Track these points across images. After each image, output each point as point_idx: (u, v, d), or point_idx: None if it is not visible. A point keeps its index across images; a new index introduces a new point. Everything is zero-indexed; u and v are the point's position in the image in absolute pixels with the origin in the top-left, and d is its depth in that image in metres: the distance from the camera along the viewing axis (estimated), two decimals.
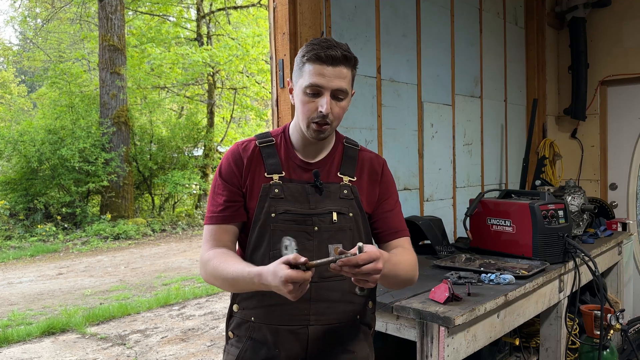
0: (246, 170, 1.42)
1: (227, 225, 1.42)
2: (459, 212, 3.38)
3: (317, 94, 1.34)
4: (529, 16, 4.28)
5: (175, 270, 7.92)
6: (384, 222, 1.51)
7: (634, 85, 4.37)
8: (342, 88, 1.34)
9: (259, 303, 1.40)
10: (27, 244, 10.09)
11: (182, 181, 13.10)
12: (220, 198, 1.43)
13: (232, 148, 1.47)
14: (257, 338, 1.41)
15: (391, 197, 1.55)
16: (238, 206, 1.43)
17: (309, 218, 1.39)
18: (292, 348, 1.40)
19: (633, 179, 4.44)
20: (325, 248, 1.39)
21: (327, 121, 1.35)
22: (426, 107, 3.10)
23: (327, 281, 1.39)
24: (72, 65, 15.07)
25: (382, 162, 1.56)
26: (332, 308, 1.41)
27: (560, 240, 2.45)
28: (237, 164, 1.43)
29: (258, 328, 1.41)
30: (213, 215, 1.43)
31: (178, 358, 4.31)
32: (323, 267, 1.28)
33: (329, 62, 1.32)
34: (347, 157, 1.50)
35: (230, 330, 1.48)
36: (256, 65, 14.72)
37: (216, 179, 1.46)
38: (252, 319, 1.42)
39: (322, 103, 1.33)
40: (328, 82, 1.32)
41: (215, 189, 1.45)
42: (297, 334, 1.39)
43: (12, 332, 4.87)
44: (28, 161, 11.05)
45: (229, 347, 1.47)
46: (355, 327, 1.47)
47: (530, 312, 2.27)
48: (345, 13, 2.56)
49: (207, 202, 1.47)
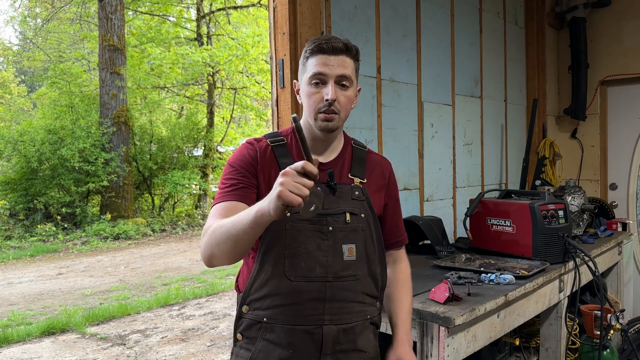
0: (261, 165, 1.40)
1: (238, 202, 1.34)
2: (459, 212, 3.38)
3: (321, 82, 1.36)
4: (529, 16, 4.28)
5: (175, 270, 7.92)
6: (385, 229, 1.57)
7: (634, 85, 4.37)
8: (345, 74, 1.36)
9: (272, 303, 1.37)
10: (27, 244, 10.09)
11: (182, 181, 13.10)
12: (231, 180, 1.38)
13: (245, 144, 1.46)
14: (270, 339, 1.38)
15: (395, 202, 1.60)
16: (250, 189, 1.38)
17: (324, 218, 1.38)
18: (306, 348, 1.37)
19: (633, 179, 4.44)
20: (339, 248, 1.38)
21: (334, 109, 1.36)
22: (426, 107, 3.10)
23: (341, 281, 1.38)
24: (72, 65, 15.07)
25: (389, 166, 1.60)
26: (346, 308, 1.40)
27: (560, 240, 2.45)
28: (252, 155, 1.41)
29: (271, 329, 1.37)
30: (223, 194, 1.36)
31: (178, 358, 4.31)
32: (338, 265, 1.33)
33: (331, 51, 1.35)
34: (357, 158, 1.51)
35: (239, 332, 1.43)
36: (256, 65, 14.72)
37: (227, 169, 1.42)
38: (265, 320, 1.38)
39: (326, 91, 1.35)
40: (331, 70, 1.35)
41: (226, 175, 1.40)
42: (312, 334, 1.37)
43: (12, 332, 4.86)
44: (28, 161, 11.05)
45: (237, 350, 1.43)
46: (366, 327, 1.47)
47: (530, 312, 2.26)
48: (345, 13, 2.56)
49: (218, 188, 1.42)
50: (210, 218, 1.33)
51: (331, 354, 1.40)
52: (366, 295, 1.44)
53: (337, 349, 1.40)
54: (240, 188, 1.37)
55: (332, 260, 1.37)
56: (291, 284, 1.35)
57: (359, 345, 1.44)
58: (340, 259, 1.38)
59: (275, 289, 1.36)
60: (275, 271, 1.35)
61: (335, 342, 1.39)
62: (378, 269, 1.48)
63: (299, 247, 1.36)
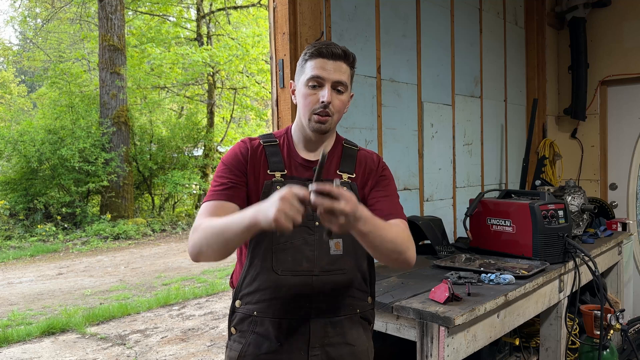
0: (251, 164, 1.45)
1: (228, 202, 1.39)
2: (459, 212, 3.38)
3: (318, 85, 1.40)
4: (529, 16, 4.28)
5: (175, 270, 7.92)
6: (377, 206, 1.47)
7: (634, 85, 4.37)
8: (342, 80, 1.41)
9: (261, 297, 1.42)
10: (27, 244, 10.09)
11: (182, 181, 13.10)
12: (222, 179, 1.43)
13: (238, 143, 1.51)
14: (260, 332, 1.43)
15: (388, 186, 1.53)
16: (240, 188, 1.43)
17: (310, 213, 1.40)
18: (295, 341, 1.42)
19: (633, 179, 4.44)
20: (326, 242, 1.43)
21: (328, 112, 1.40)
22: (426, 107, 3.10)
23: (327, 275, 1.41)
24: (72, 65, 15.07)
25: (377, 157, 1.60)
26: (334, 302, 1.44)
27: (560, 240, 2.45)
28: (243, 154, 1.46)
29: (261, 322, 1.43)
30: (214, 192, 1.41)
31: (178, 358, 4.31)
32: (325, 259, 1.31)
33: (329, 56, 1.40)
34: (347, 155, 1.54)
35: (232, 326, 1.49)
36: (256, 65, 14.72)
37: (220, 167, 1.47)
38: (255, 313, 1.43)
39: (323, 94, 1.39)
40: (329, 74, 1.40)
41: (218, 173, 1.45)
42: (299, 327, 1.41)
43: (12, 332, 4.86)
44: (28, 161, 11.05)
45: (231, 343, 1.49)
46: (356, 321, 1.50)
47: (530, 312, 2.27)
48: (345, 13, 2.56)
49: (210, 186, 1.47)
50: (200, 216, 1.37)
51: (319, 347, 1.43)
52: (355, 289, 1.47)
53: (325, 342, 1.44)
54: (230, 187, 1.41)
55: (318, 254, 1.41)
56: (278, 278, 1.39)
57: (348, 339, 1.47)
58: (326, 253, 1.42)
59: (264, 283, 1.41)
60: (264, 266, 1.40)
61: (324, 336, 1.43)
62: (365, 263, 1.49)
63: (286, 242, 1.40)
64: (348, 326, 1.47)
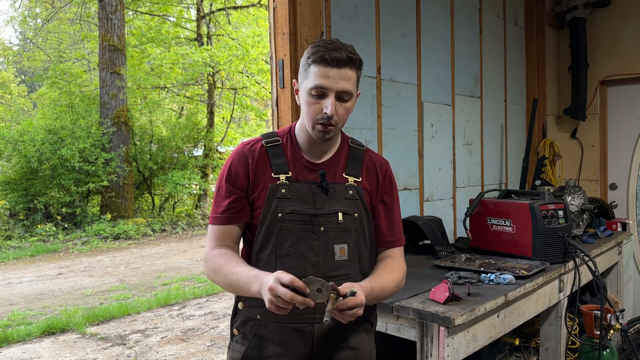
0: (252, 171, 1.44)
1: (230, 226, 1.45)
2: (459, 212, 3.38)
3: (322, 95, 1.35)
4: (529, 16, 4.28)
5: (175, 270, 7.92)
6: (380, 229, 1.53)
7: (634, 85, 4.37)
8: (346, 90, 1.36)
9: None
10: (27, 244, 10.09)
11: (182, 181, 13.10)
12: (223, 200, 1.44)
13: (238, 148, 1.49)
14: (263, 335, 1.43)
15: (392, 201, 1.56)
16: (241, 207, 1.45)
17: (315, 218, 1.41)
18: (298, 346, 1.41)
19: (633, 179, 4.44)
20: (331, 248, 1.41)
21: (332, 122, 1.37)
22: (426, 107, 3.10)
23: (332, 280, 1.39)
24: (72, 65, 15.07)
25: (386, 165, 1.58)
26: None
27: (560, 240, 2.45)
28: (242, 165, 1.45)
29: (264, 326, 1.43)
30: (216, 216, 1.46)
31: (178, 358, 4.31)
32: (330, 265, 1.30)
33: (334, 64, 1.33)
34: (353, 157, 1.52)
35: (235, 327, 1.49)
36: (256, 65, 14.72)
37: (221, 180, 1.47)
38: (258, 317, 1.43)
39: (326, 105, 1.35)
40: (333, 84, 1.34)
41: (220, 190, 1.47)
42: (302, 331, 1.41)
43: (12, 332, 4.86)
44: (28, 161, 11.05)
45: (234, 344, 1.49)
46: (359, 325, 1.49)
47: (530, 312, 2.27)
48: (345, 13, 2.56)
49: (212, 200, 1.51)
50: (209, 242, 1.46)
51: (322, 351, 1.43)
52: None
53: (328, 347, 1.43)
54: (231, 209, 1.44)
55: (323, 260, 1.40)
56: None
57: (351, 343, 1.47)
58: (331, 258, 1.41)
59: None
60: (267, 271, 1.38)
61: (327, 340, 1.43)
62: (368, 267, 1.50)
63: (291, 248, 1.39)
64: (351, 330, 1.46)
